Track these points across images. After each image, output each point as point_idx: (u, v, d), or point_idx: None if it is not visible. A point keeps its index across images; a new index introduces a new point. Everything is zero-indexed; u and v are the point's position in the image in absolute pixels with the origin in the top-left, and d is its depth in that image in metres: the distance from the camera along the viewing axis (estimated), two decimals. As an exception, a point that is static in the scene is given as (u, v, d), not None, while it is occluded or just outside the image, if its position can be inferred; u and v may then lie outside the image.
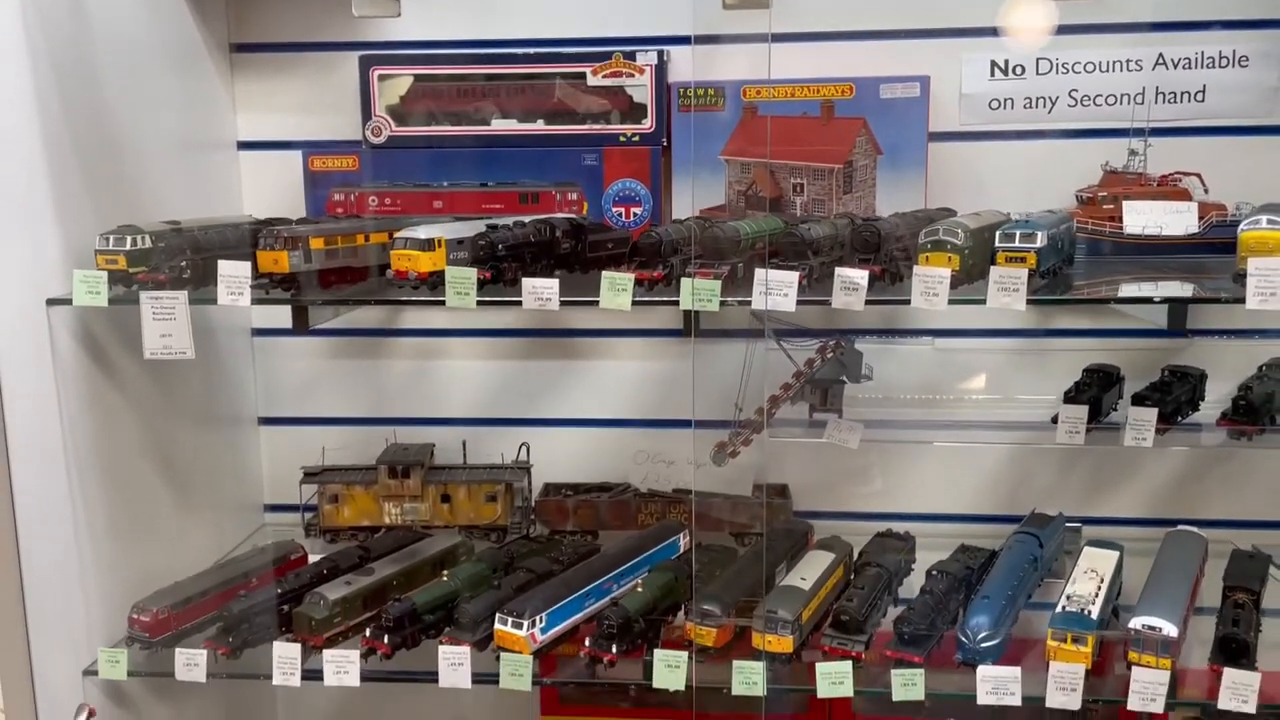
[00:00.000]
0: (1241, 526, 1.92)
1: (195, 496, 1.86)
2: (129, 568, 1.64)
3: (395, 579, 1.68)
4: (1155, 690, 1.42)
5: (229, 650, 1.54)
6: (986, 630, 1.49)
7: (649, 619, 1.60)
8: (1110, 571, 1.65)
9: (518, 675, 1.50)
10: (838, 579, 1.69)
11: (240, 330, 2.02)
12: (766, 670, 1.50)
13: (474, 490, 1.93)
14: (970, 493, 2.00)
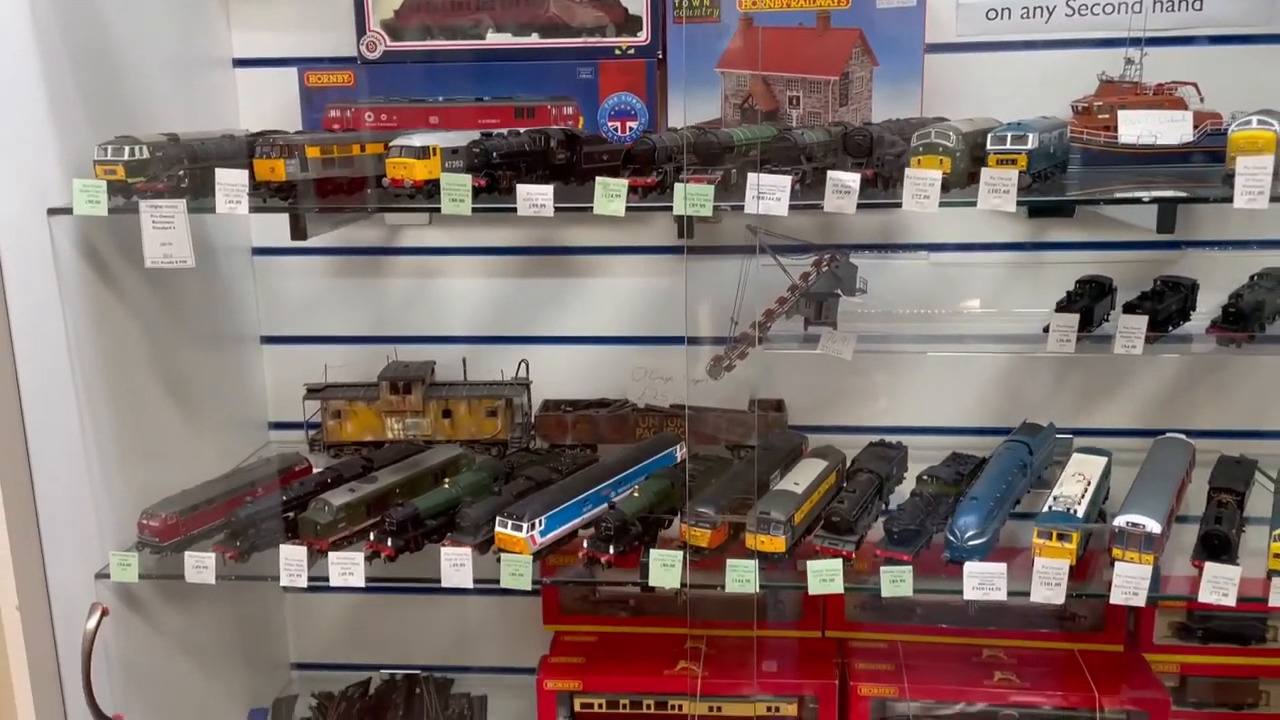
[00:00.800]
0: (1231, 436, 1.95)
1: (201, 413, 1.90)
2: (138, 478, 1.68)
3: (398, 487, 1.72)
4: (1138, 585, 1.45)
5: (237, 554, 1.59)
6: (974, 529, 1.53)
7: (645, 522, 1.64)
8: (1098, 475, 1.68)
9: (518, 575, 1.55)
10: (830, 485, 1.73)
11: (241, 250, 2.04)
12: (759, 569, 1.53)
13: (474, 405, 1.96)
14: (963, 405, 2.03)
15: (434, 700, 2.08)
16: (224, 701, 1.98)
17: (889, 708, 1.92)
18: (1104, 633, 1.99)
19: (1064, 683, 1.89)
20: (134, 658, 1.66)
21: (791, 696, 1.94)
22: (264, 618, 2.16)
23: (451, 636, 2.23)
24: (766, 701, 1.95)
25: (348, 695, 2.11)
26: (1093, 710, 1.86)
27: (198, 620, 1.87)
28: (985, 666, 1.95)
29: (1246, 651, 1.96)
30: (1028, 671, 1.93)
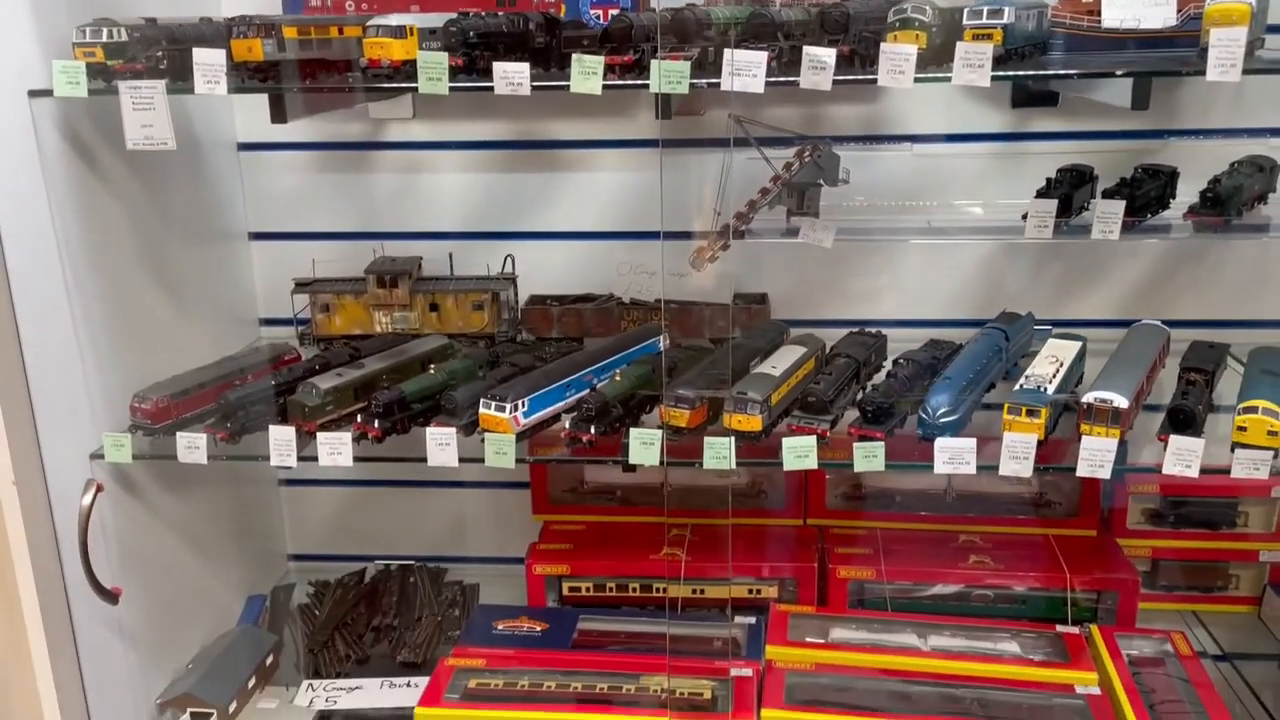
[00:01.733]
0: (1208, 326, 1.97)
1: (191, 307, 1.92)
2: (129, 367, 1.71)
3: (385, 373, 1.75)
4: (1104, 458, 1.49)
5: (228, 435, 1.62)
6: (946, 406, 1.56)
7: (627, 405, 1.67)
8: (1070, 358, 1.71)
9: (502, 454, 1.59)
10: (809, 370, 1.76)
11: (226, 145, 2.04)
12: (735, 447, 1.57)
13: (461, 299, 1.99)
14: (944, 298, 2.05)
15: (427, 588, 2.15)
16: (222, 587, 2.04)
17: (866, 589, 1.98)
18: (1078, 518, 2.04)
19: (1037, 565, 1.95)
20: (131, 539, 1.71)
21: (772, 579, 2.01)
22: (261, 511, 2.22)
23: (444, 529, 2.29)
24: (748, 584, 2.01)
25: (344, 583, 2.18)
26: (1064, 590, 1.92)
27: (194, 508, 1.92)
28: (961, 551, 2.00)
29: (1217, 536, 2.02)
30: (1002, 555, 1.98)
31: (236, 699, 1.79)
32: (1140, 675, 1.76)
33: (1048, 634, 1.87)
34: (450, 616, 2.06)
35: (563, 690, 1.77)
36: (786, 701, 1.70)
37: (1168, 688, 1.73)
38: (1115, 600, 1.92)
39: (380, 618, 2.05)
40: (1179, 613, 2.02)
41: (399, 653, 1.95)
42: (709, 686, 1.76)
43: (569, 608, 2.02)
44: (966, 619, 1.91)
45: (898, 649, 1.84)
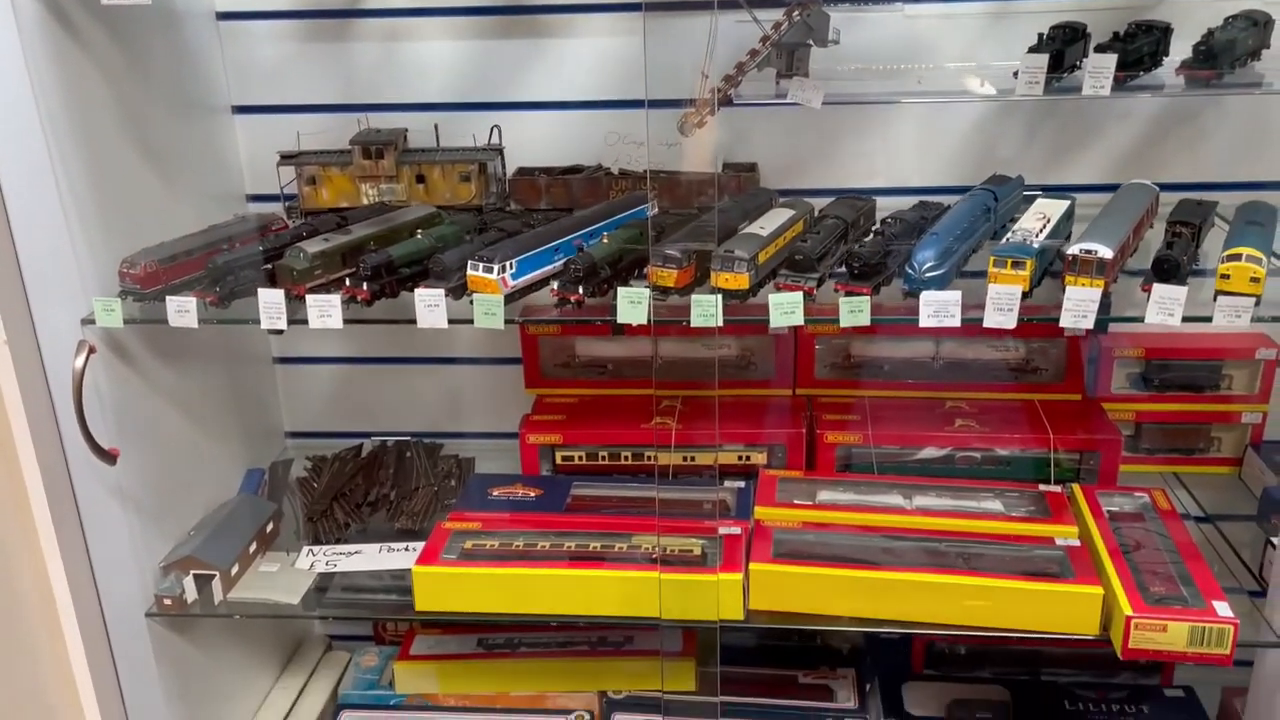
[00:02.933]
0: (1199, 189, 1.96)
1: (176, 181, 1.91)
2: (118, 237, 1.70)
3: (373, 239, 1.75)
4: (1087, 308, 1.50)
5: (217, 299, 1.63)
6: (932, 262, 1.56)
7: (614, 267, 1.68)
8: (1058, 215, 1.71)
9: (491, 315, 1.60)
10: (797, 231, 1.76)
11: (204, 14, 2.00)
12: (722, 304, 1.58)
13: (447, 171, 1.98)
14: (934, 165, 2.04)
15: (424, 461, 2.18)
16: (221, 461, 2.07)
17: (854, 454, 2.02)
18: (1063, 383, 2.07)
19: (1021, 428, 1.98)
20: (127, 405, 1.73)
21: (761, 446, 2.04)
22: (256, 388, 2.24)
23: (439, 406, 2.31)
24: (737, 451, 2.04)
25: (341, 456, 2.22)
26: (1047, 451, 1.95)
27: (190, 382, 1.94)
28: (947, 416, 2.03)
29: (1200, 399, 2.05)
30: (987, 419, 2.01)
31: (238, 562, 1.84)
32: (1119, 528, 1.80)
33: (1030, 493, 1.91)
34: (447, 487, 2.10)
35: (557, 549, 1.82)
36: (774, 555, 1.75)
37: (1146, 539, 1.78)
38: (1097, 461, 1.96)
39: (377, 489, 2.09)
40: (1161, 475, 2.06)
41: (397, 521, 2.00)
42: (699, 544, 1.81)
43: (562, 476, 2.05)
44: (951, 480, 1.95)
45: (883, 508, 1.88)
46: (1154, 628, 1.57)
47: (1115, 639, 1.61)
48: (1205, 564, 1.69)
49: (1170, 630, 1.57)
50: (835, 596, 1.71)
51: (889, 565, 1.73)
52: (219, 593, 1.78)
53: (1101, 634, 1.65)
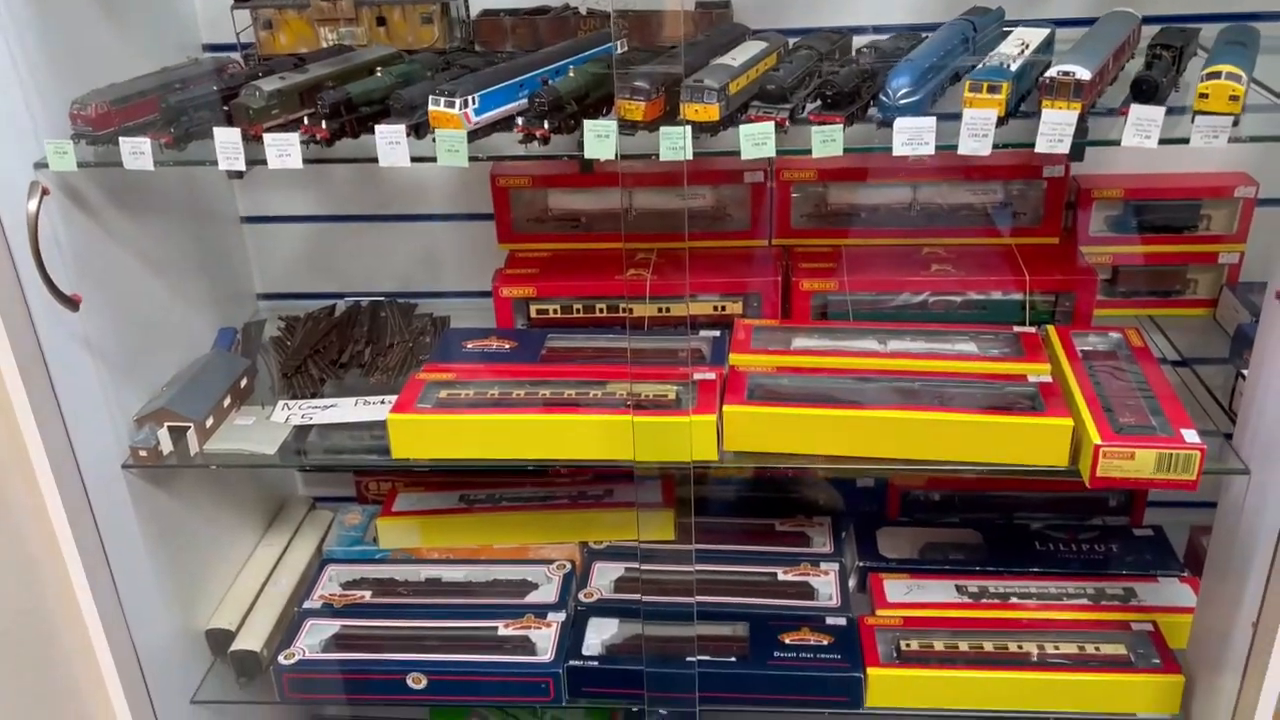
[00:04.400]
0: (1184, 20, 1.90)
1: (129, 29, 1.84)
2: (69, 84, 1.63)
3: (331, 77, 1.69)
4: (1063, 131, 1.47)
5: (172, 140, 1.58)
6: (907, 88, 1.52)
7: (581, 102, 1.63)
8: (1037, 42, 1.66)
9: (454, 151, 1.55)
10: (770, 64, 1.71)
11: None
12: (692, 136, 1.54)
13: (409, 11, 1.90)
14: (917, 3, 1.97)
15: (398, 319, 2.17)
16: (192, 320, 2.05)
17: (830, 302, 2.01)
18: (1040, 227, 2.04)
19: (997, 271, 1.97)
20: (88, 255, 1.71)
21: (737, 296, 2.03)
22: (225, 247, 2.20)
23: (412, 265, 2.28)
24: (712, 301, 2.03)
25: (315, 316, 2.20)
26: (1023, 293, 1.95)
27: (155, 238, 1.90)
28: (924, 262, 2.02)
29: (1178, 240, 2.03)
30: (964, 264, 2.00)
31: (212, 415, 1.84)
32: (1092, 365, 1.81)
33: (1005, 334, 1.91)
34: (421, 343, 2.09)
35: (532, 397, 1.82)
36: (748, 398, 1.75)
37: (1117, 375, 1.78)
38: (1073, 302, 1.95)
39: (352, 346, 2.08)
40: (1137, 318, 2.06)
41: (371, 376, 1.99)
42: (673, 389, 1.81)
43: (537, 329, 2.04)
44: (926, 324, 1.95)
45: (858, 353, 1.88)
46: (1122, 455, 1.59)
47: (1083, 469, 1.63)
48: (1176, 396, 1.71)
49: (1138, 458, 1.59)
50: (808, 436, 1.72)
51: (861, 404, 1.73)
52: (194, 444, 1.79)
53: (1070, 465, 1.66)
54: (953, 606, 2.04)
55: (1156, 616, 1.96)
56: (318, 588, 2.14)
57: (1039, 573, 2.11)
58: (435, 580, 2.17)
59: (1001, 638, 1.95)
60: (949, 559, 2.19)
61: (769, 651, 1.93)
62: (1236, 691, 1.69)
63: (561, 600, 2.07)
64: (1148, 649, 1.90)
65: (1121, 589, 2.06)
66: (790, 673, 1.89)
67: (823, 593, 2.09)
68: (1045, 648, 1.92)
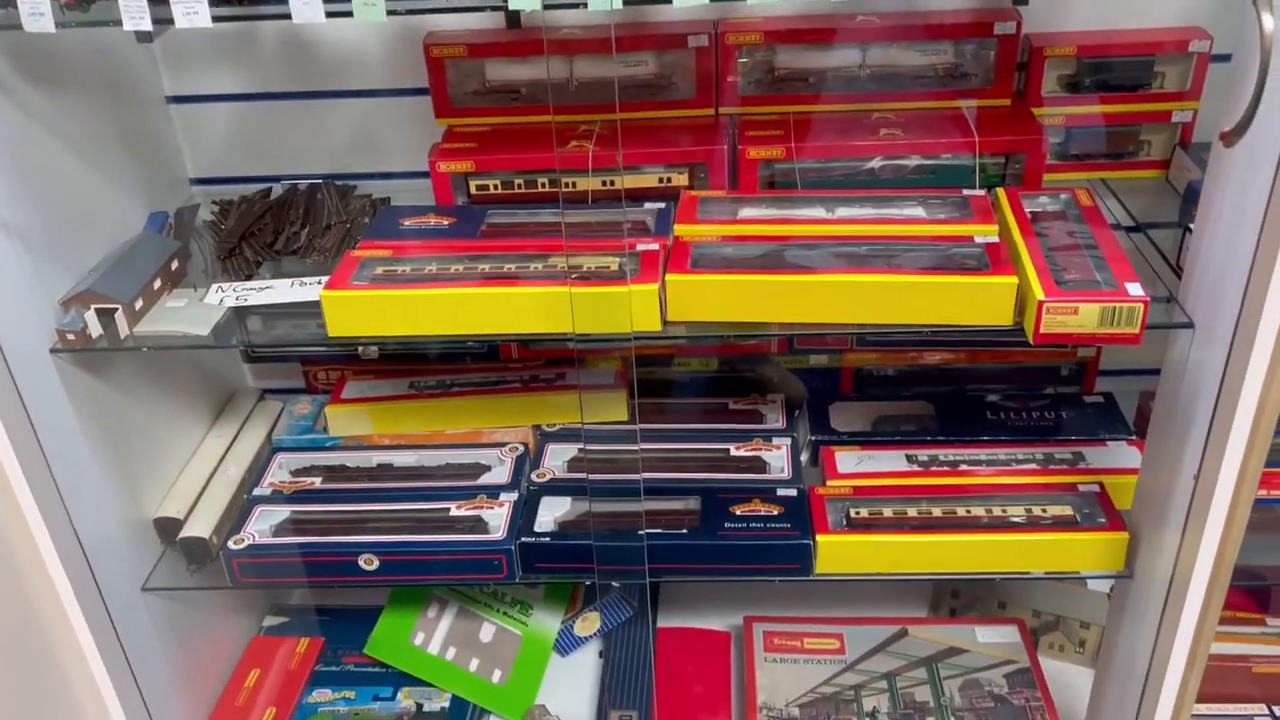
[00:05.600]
0: None
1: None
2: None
3: (240, -66, 1.60)
4: (1006, -29, 1.41)
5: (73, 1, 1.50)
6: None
7: (506, -47, 1.55)
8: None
9: (370, 5, 1.47)
10: (704, -89, 1.62)
11: None
12: (622, -15, 1.46)
13: None
14: None
15: (335, 201, 2.10)
16: (121, 206, 1.98)
17: (777, 171, 1.96)
18: (992, 88, 1.99)
19: (947, 134, 1.92)
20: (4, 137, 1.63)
21: (682, 167, 1.97)
22: (153, 131, 2.12)
23: (349, 147, 2.21)
24: (657, 172, 1.98)
25: (249, 199, 2.13)
26: (972, 155, 1.90)
27: (76, 118, 1.82)
28: (873, 127, 1.96)
29: (1132, 99, 1.98)
30: (913, 127, 1.95)
31: (142, 297, 1.78)
32: (1040, 225, 1.78)
33: (954, 198, 1.87)
34: (360, 224, 2.03)
35: (471, 271, 1.77)
36: (691, 267, 1.72)
37: (1064, 233, 1.76)
38: (1023, 165, 1.91)
39: (288, 228, 2.02)
40: (1090, 181, 2.03)
41: (309, 257, 1.94)
42: (615, 260, 1.77)
43: (477, 205, 1.99)
44: (876, 190, 1.91)
45: (805, 220, 1.84)
46: (1065, 310, 1.58)
47: (1028, 326, 1.61)
48: (1122, 253, 1.68)
49: (1081, 312, 1.58)
50: (751, 303, 1.69)
51: (806, 269, 1.70)
52: (124, 327, 1.74)
53: (1015, 323, 1.65)
54: (903, 475, 2.05)
55: (1103, 478, 1.98)
56: (267, 475, 2.12)
57: (989, 440, 2.12)
58: (387, 465, 2.16)
59: (950, 503, 1.96)
60: (900, 430, 2.20)
61: (720, 523, 1.93)
62: (1178, 545, 1.71)
63: (514, 481, 2.07)
64: (1094, 509, 1.92)
65: (1070, 453, 2.08)
66: (740, 542, 1.90)
67: (774, 466, 2.09)
68: (993, 511, 1.94)
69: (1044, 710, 2.09)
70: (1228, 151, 1.46)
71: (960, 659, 2.23)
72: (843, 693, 2.18)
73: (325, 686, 2.27)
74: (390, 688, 2.25)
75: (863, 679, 2.21)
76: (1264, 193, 1.39)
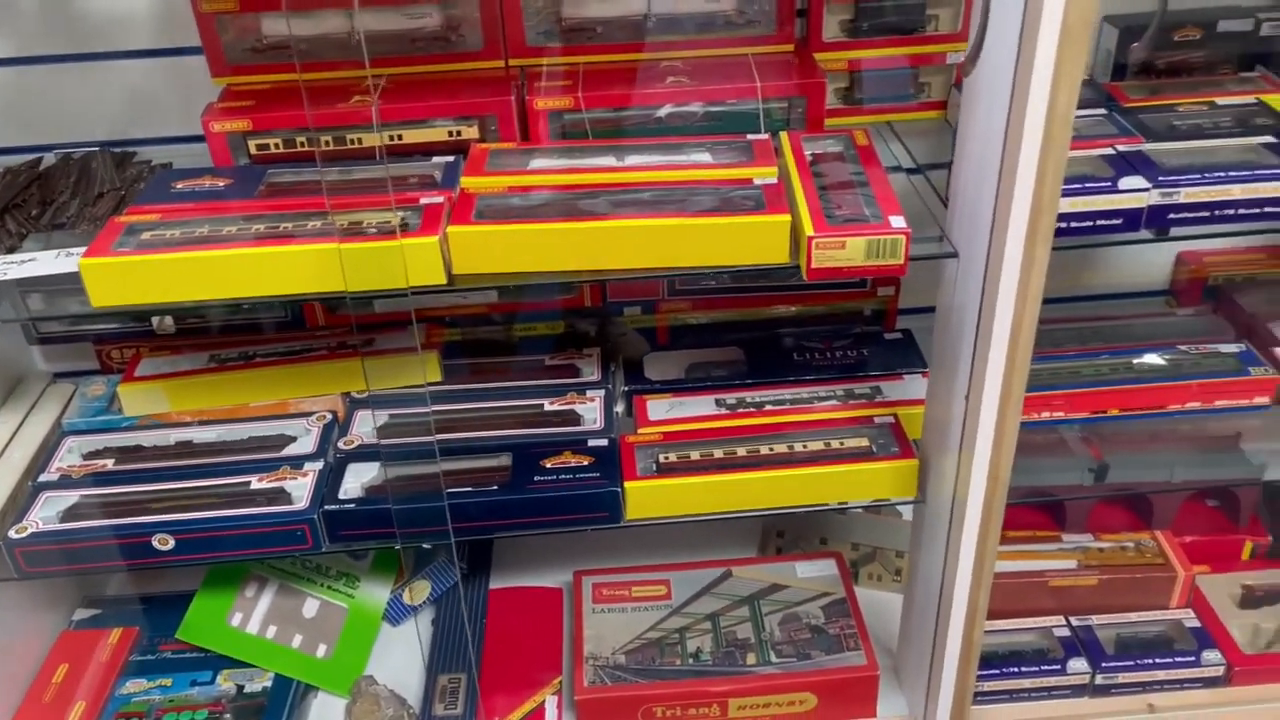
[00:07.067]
0: None
1: None
2: None
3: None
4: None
5: None
6: None
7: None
8: None
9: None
10: None
11: None
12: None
13: None
14: None
15: (110, 169, 2.00)
16: None
17: (568, 121, 1.95)
18: (776, 35, 2.02)
19: (733, 80, 1.94)
20: None
21: (471, 119, 1.94)
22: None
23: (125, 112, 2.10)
24: (446, 126, 1.94)
25: (13, 170, 2.01)
26: (756, 100, 1.93)
27: None
28: (660, 75, 1.97)
29: (907, 41, 2.05)
30: (700, 75, 1.96)
31: (-117, 276, 1.66)
32: (818, 167, 1.82)
33: (739, 143, 1.90)
34: (135, 191, 1.93)
35: (244, 232, 1.71)
36: (475, 218, 1.70)
37: (840, 173, 1.80)
38: (805, 108, 1.95)
39: (57, 199, 1.91)
40: (875, 124, 2.08)
41: (78, 227, 1.84)
42: (398, 215, 1.73)
43: (258, 165, 1.92)
44: (665, 138, 1.92)
45: (594, 169, 1.84)
46: (833, 245, 1.62)
47: (801, 262, 1.65)
48: (890, 190, 1.74)
49: (849, 246, 1.62)
50: (536, 252, 1.69)
51: (590, 216, 1.70)
52: None
53: (792, 261, 1.69)
54: (711, 419, 2.09)
55: (898, 410, 2.06)
56: (55, 460, 2.02)
57: (794, 381, 2.17)
58: (186, 443, 2.08)
59: (755, 442, 2.01)
60: (712, 376, 2.23)
61: (530, 477, 1.93)
62: (956, 468, 1.78)
63: (320, 450, 2.02)
64: (888, 440, 1.99)
65: (869, 388, 2.15)
66: (550, 494, 1.91)
67: (588, 419, 2.10)
68: (794, 447, 1.99)
69: (857, 637, 2.17)
70: (970, 82, 1.52)
71: (781, 595, 2.29)
72: (668, 636, 2.21)
73: (140, 676, 2.18)
74: (209, 672, 2.18)
75: (688, 621, 2.25)
76: (1002, 119, 1.45)
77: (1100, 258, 2.43)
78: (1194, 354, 2.14)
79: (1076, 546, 2.30)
